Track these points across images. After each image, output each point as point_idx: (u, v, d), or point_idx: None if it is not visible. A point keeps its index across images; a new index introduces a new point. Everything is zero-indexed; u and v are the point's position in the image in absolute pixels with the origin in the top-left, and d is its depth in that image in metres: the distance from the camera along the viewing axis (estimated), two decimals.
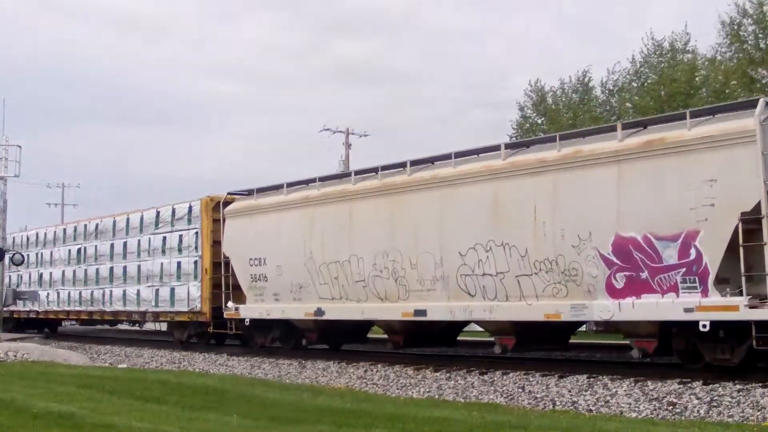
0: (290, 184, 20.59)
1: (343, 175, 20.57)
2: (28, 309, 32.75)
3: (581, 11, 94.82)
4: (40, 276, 32.55)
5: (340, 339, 21.32)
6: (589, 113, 32.60)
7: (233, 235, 21.73)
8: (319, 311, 18.87)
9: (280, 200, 20.55)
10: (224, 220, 22.11)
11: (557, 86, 35.10)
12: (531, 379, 14.56)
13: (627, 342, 17.46)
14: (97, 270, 28.49)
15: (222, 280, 22.09)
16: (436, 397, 14.64)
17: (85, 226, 30.02)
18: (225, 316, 21.97)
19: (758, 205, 11.95)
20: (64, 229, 31.98)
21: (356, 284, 17.97)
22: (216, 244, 22.77)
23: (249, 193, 22.04)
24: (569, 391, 13.49)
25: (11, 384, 15.42)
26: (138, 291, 26.13)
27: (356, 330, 20.63)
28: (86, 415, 10.84)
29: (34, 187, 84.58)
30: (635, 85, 32.11)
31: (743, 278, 12.16)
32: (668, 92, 29.46)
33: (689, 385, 12.58)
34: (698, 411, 11.57)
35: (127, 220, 27.10)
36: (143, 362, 23.40)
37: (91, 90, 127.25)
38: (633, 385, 13.08)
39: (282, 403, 12.31)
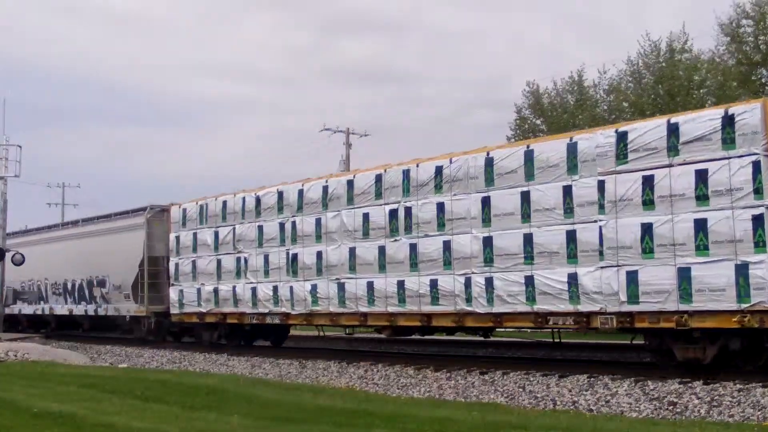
0: None
1: None
2: (206, 309, 23.01)
3: (583, 11, 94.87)
4: (218, 263, 22.61)
5: None
6: (589, 112, 32.63)
7: None
8: None
9: None
10: None
11: (551, 87, 35.19)
12: (531, 379, 14.56)
13: (627, 342, 17.54)
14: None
15: None
16: (437, 396, 14.64)
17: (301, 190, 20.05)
18: None
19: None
20: (257, 198, 21.48)
21: None
22: None
23: None
24: (570, 391, 13.49)
25: (11, 384, 15.42)
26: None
27: None
28: (87, 414, 10.85)
29: (34, 187, 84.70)
30: (631, 85, 32.13)
31: None
32: (669, 89, 29.48)
33: (690, 384, 12.58)
34: (699, 411, 11.57)
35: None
36: (143, 362, 23.41)
37: (92, 90, 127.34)
38: (633, 384, 13.08)
39: (282, 402, 12.31)
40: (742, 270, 12.13)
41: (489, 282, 15.54)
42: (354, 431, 9.73)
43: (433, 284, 16.53)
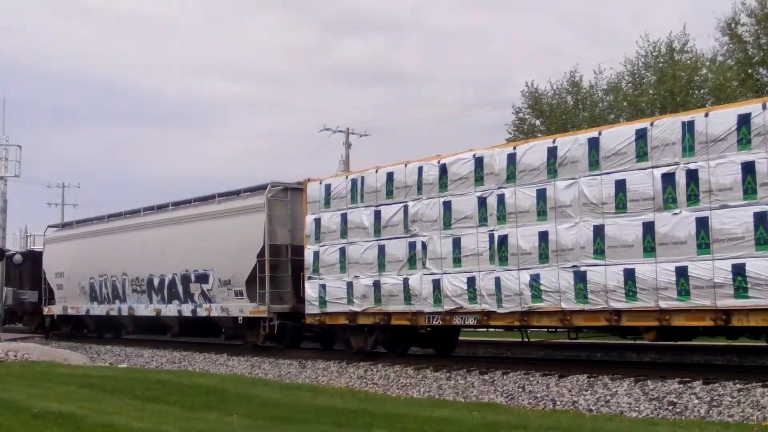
0: None
1: None
2: (360, 308, 18.19)
3: (584, 11, 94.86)
4: (380, 250, 17.87)
5: None
6: (589, 112, 32.67)
7: None
8: None
9: None
10: None
11: (549, 88, 35.24)
12: (531, 379, 14.56)
13: (627, 342, 17.49)
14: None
15: None
16: (437, 396, 14.64)
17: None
18: None
19: None
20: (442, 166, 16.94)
21: None
22: None
23: None
24: (569, 391, 13.49)
25: (11, 384, 15.42)
26: None
27: None
28: (86, 415, 10.85)
29: (34, 187, 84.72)
30: (630, 85, 32.18)
31: None
32: (669, 89, 29.52)
33: (689, 384, 12.58)
34: (698, 411, 11.58)
35: None
36: (143, 362, 23.41)
37: (92, 90, 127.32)
38: (633, 384, 13.08)
39: (282, 402, 12.32)
40: None
41: None
42: (354, 431, 9.73)
43: (739, 270, 12.34)
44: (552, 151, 14.90)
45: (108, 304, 27.16)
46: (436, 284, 16.61)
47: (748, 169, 12.26)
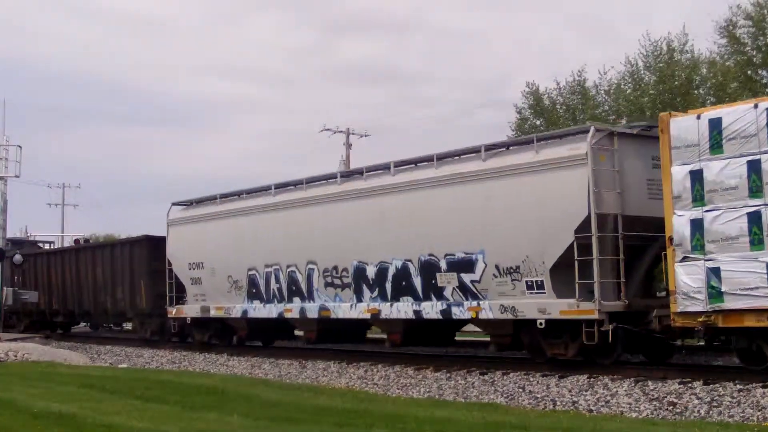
0: None
1: None
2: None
3: (587, 11, 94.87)
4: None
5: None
6: (590, 112, 32.68)
7: None
8: None
9: None
10: None
11: (553, 88, 35.24)
12: (531, 379, 14.56)
13: None
14: None
15: None
16: (437, 397, 14.65)
17: None
18: None
19: None
20: None
21: None
22: None
23: None
24: (569, 391, 13.49)
25: (11, 384, 15.44)
26: None
27: None
28: (87, 415, 10.85)
29: (34, 187, 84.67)
30: (631, 85, 32.19)
31: None
32: (669, 88, 29.56)
33: (689, 385, 12.58)
34: (698, 411, 11.58)
35: None
36: (143, 362, 23.40)
37: (92, 90, 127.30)
38: (633, 385, 13.09)
39: (282, 403, 12.32)
40: None
41: None
42: (354, 431, 9.73)
43: None
44: None
45: (281, 302, 20.22)
46: None
47: None
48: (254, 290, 20.95)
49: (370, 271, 17.95)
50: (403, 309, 17.20)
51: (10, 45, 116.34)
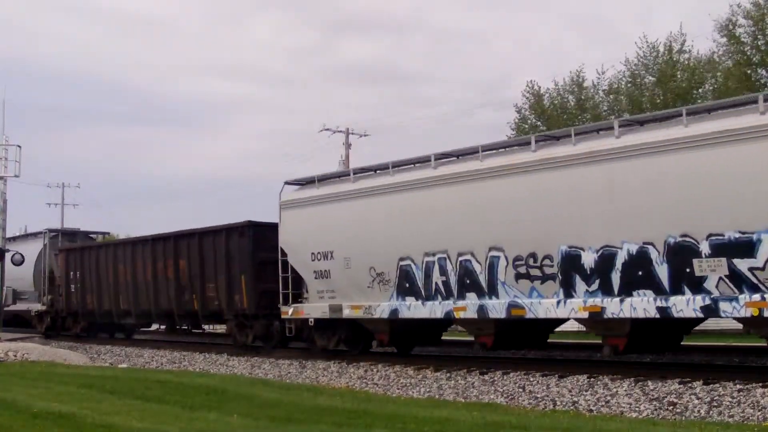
0: None
1: None
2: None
3: (588, 11, 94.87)
4: None
5: None
6: (591, 112, 32.71)
7: None
8: None
9: None
10: None
11: (552, 88, 35.28)
12: (531, 379, 14.57)
13: None
14: None
15: None
16: (437, 397, 14.65)
17: None
18: None
19: None
20: None
21: None
22: None
23: None
24: (570, 391, 13.50)
25: (11, 384, 15.42)
26: None
27: None
28: (86, 415, 10.85)
29: (34, 187, 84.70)
30: (630, 86, 32.23)
31: None
32: (671, 89, 29.59)
33: (690, 385, 12.59)
34: (699, 411, 11.58)
35: None
36: (143, 362, 23.40)
37: (92, 90, 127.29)
38: (633, 385, 13.09)
39: (282, 402, 12.31)
40: None
41: None
42: (354, 431, 9.73)
43: None
44: None
45: (448, 299, 16.33)
46: None
47: None
48: (407, 284, 17.00)
49: (587, 259, 14.12)
50: (640, 305, 13.44)
51: (10, 45, 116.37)
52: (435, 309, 16.51)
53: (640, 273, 13.42)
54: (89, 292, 28.42)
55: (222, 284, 21.96)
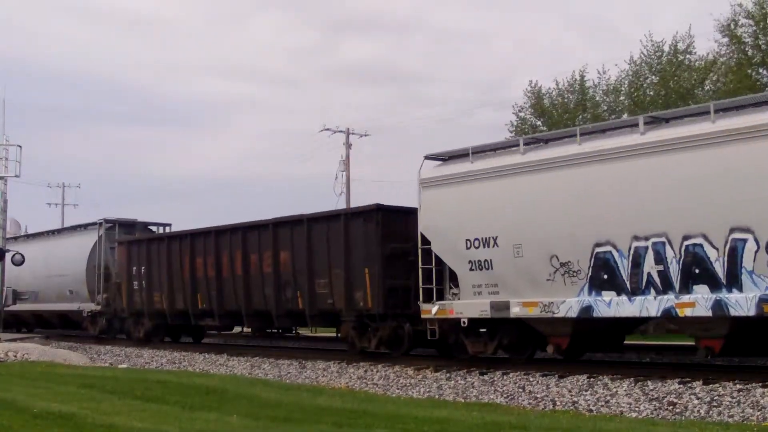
0: None
1: None
2: None
3: (589, 12, 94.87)
4: None
5: None
6: (592, 111, 32.72)
7: None
8: None
9: None
10: None
11: (553, 88, 35.29)
12: (531, 379, 14.57)
13: (627, 342, 17.48)
14: None
15: None
16: (437, 397, 14.65)
17: None
18: None
19: None
20: None
21: None
22: None
23: None
24: (569, 391, 13.50)
25: (11, 384, 15.42)
26: None
27: None
28: (87, 415, 10.85)
29: (34, 187, 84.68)
30: (633, 85, 32.25)
31: None
32: (675, 88, 29.63)
33: (689, 385, 12.60)
34: (698, 411, 11.59)
35: None
36: (143, 362, 23.40)
37: (92, 90, 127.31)
38: (633, 385, 13.10)
39: (282, 403, 12.32)
40: None
41: None
42: (354, 431, 9.74)
43: None
44: None
45: (667, 293, 13.41)
46: None
47: None
48: (605, 276, 14.11)
49: None
50: None
51: (10, 45, 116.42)
52: (648, 305, 13.49)
53: None
54: (157, 290, 25.01)
55: (338, 279, 18.80)
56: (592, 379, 13.86)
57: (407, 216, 17.63)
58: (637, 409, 12.17)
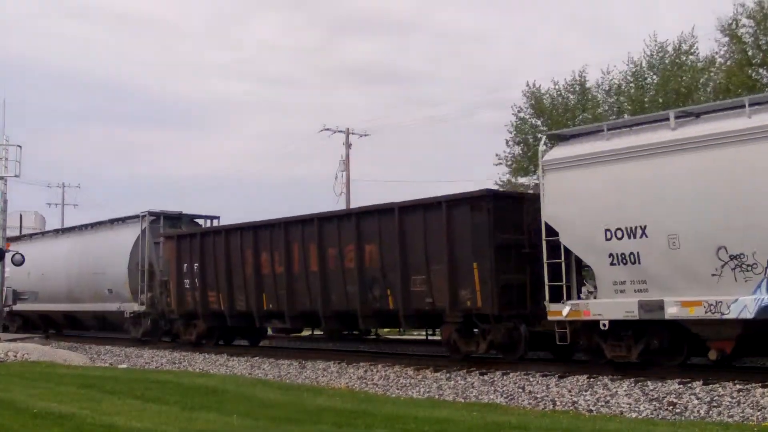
0: None
1: None
2: None
3: (590, 12, 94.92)
4: None
5: None
6: (592, 112, 32.71)
7: None
8: None
9: None
10: None
11: (553, 88, 35.28)
12: (531, 380, 14.57)
13: None
14: None
15: None
16: (436, 397, 14.65)
17: None
18: None
19: None
20: None
21: None
22: None
23: None
24: (569, 391, 13.50)
25: (11, 384, 15.43)
26: None
27: None
28: (86, 415, 10.86)
29: (34, 187, 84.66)
30: (632, 85, 32.26)
31: None
32: (675, 88, 29.66)
33: (689, 385, 12.60)
34: (698, 411, 11.59)
35: None
36: (143, 362, 23.39)
37: (93, 90, 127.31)
38: (633, 385, 13.10)
39: (282, 403, 12.32)
40: None
41: None
42: (354, 431, 9.74)
43: None
44: None
45: None
46: None
47: None
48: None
49: None
50: None
51: (10, 45, 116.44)
52: None
53: None
54: (213, 289, 22.55)
55: (439, 276, 16.69)
56: (591, 379, 13.86)
57: (518, 203, 16.25)
58: (637, 409, 12.17)
